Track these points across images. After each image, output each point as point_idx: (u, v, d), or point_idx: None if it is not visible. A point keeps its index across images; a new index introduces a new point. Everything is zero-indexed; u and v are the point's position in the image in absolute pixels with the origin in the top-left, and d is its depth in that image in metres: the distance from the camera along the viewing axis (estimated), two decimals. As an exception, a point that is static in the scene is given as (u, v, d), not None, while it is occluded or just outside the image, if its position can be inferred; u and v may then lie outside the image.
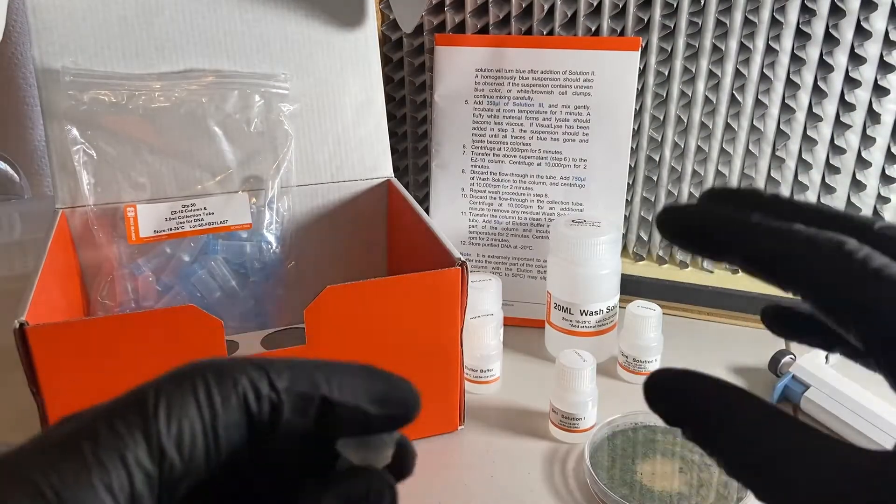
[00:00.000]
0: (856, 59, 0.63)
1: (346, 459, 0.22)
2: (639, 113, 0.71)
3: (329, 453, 0.22)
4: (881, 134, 0.65)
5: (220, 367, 0.19)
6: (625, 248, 0.77)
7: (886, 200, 0.67)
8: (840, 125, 0.66)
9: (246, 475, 0.21)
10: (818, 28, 0.63)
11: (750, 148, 0.70)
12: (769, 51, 0.65)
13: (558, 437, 0.57)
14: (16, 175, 0.77)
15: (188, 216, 0.60)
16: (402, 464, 0.23)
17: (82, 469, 0.16)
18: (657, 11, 0.66)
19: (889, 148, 0.66)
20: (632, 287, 0.72)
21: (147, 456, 0.17)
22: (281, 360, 0.19)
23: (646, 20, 0.67)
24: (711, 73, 0.68)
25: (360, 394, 0.20)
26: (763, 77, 0.66)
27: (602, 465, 0.53)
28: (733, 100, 0.68)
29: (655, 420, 0.57)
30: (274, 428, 0.19)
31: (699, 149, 0.71)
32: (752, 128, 0.69)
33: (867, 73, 0.64)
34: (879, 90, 0.64)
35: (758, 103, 0.68)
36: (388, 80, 0.77)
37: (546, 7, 0.68)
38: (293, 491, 0.21)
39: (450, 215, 0.72)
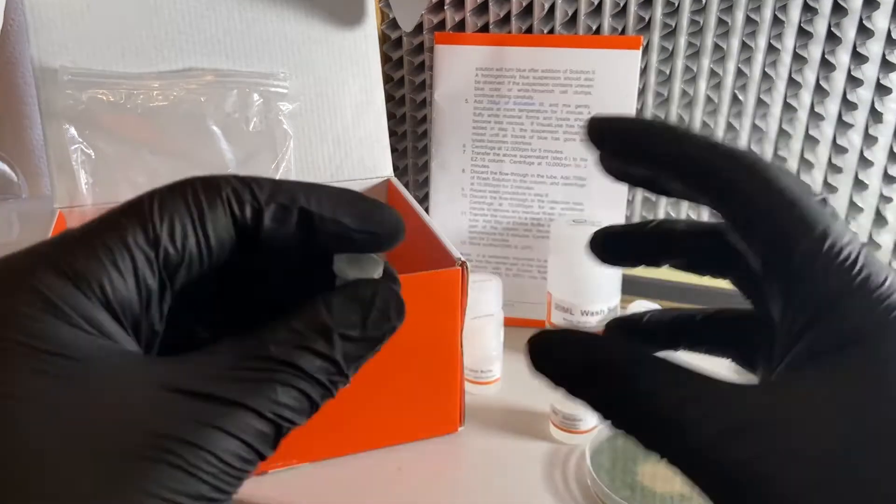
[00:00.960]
0: (858, 57, 0.63)
1: (343, 277, 0.23)
2: (640, 112, 0.70)
3: (328, 280, 0.23)
4: (883, 133, 0.65)
5: (207, 179, 0.21)
6: (626, 247, 0.76)
7: (889, 200, 0.67)
8: (842, 124, 0.66)
9: (244, 293, 0.23)
10: (820, 26, 0.63)
11: (752, 147, 0.69)
12: (771, 49, 0.65)
13: (559, 438, 0.57)
14: (14, 175, 0.76)
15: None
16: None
17: (90, 250, 0.19)
18: (658, 10, 0.66)
19: (892, 147, 0.66)
20: (633, 287, 0.72)
21: (145, 241, 0.20)
22: (266, 178, 0.21)
23: (647, 19, 0.67)
24: (713, 72, 0.67)
25: (339, 210, 0.22)
26: (765, 76, 0.66)
27: (603, 467, 0.53)
28: (735, 99, 0.68)
29: None
30: (258, 234, 0.21)
31: (700, 148, 0.71)
32: (754, 127, 0.68)
33: (869, 71, 0.63)
34: (882, 89, 0.63)
35: (759, 102, 0.67)
36: (387, 78, 0.76)
37: (547, 6, 0.68)
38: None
39: (450, 215, 0.72)
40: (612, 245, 0.27)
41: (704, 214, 0.73)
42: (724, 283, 0.29)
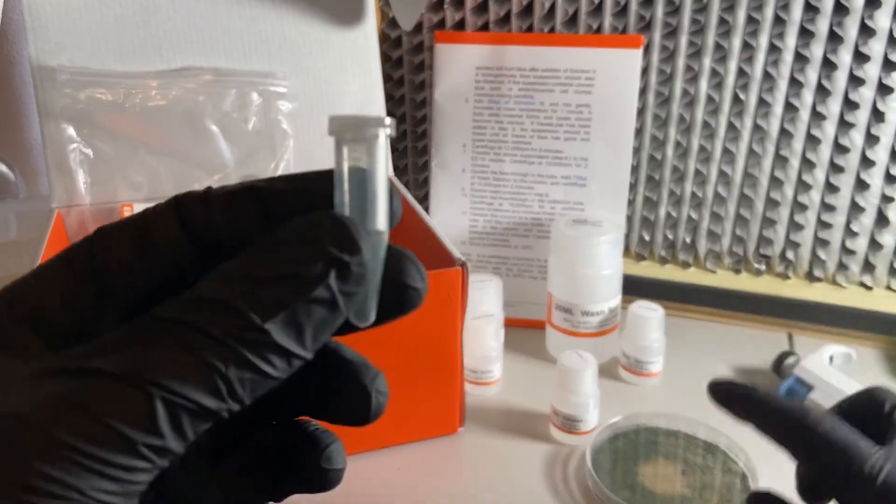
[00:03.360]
0: (860, 57, 0.63)
1: (341, 138, 0.18)
2: (641, 111, 0.70)
3: None
4: (885, 133, 0.65)
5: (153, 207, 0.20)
6: (627, 247, 0.76)
7: (890, 199, 0.67)
8: (844, 124, 0.66)
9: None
10: (822, 26, 0.63)
11: (753, 147, 0.69)
12: (772, 49, 0.65)
13: (559, 438, 0.56)
14: (11, 174, 0.76)
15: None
16: None
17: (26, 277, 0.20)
18: (659, 9, 0.66)
19: (893, 146, 0.65)
20: (634, 287, 0.72)
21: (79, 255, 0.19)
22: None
23: (648, 18, 0.66)
24: (714, 72, 0.67)
25: (287, 179, 0.20)
26: (766, 75, 0.66)
27: (604, 468, 0.52)
28: (736, 98, 0.67)
29: (657, 422, 0.56)
30: (212, 226, 0.19)
31: (702, 148, 0.70)
32: (756, 126, 0.68)
33: (871, 71, 0.63)
34: (884, 89, 0.63)
35: (761, 102, 0.67)
36: (387, 78, 0.76)
37: (547, 5, 0.68)
38: None
39: (450, 215, 0.72)
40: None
41: (705, 218, 0.72)
42: (726, 284, 0.30)
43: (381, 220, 0.18)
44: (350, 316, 0.18)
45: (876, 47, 0.62)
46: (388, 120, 0.18)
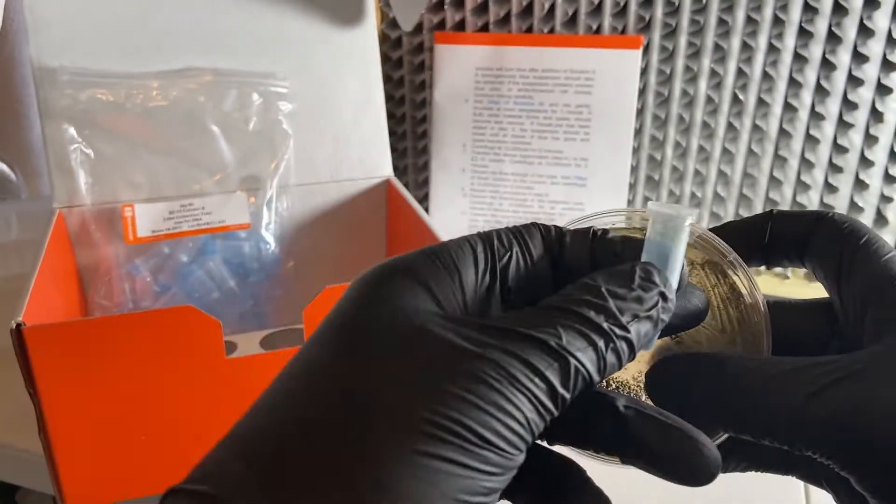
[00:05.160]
0: (859, 57, 0.63)
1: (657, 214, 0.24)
2: (640, 112, 0.70)
3: None
4: (884, 133, 0.65)
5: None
6: (626, 247, 0.76)
7: (889, 200, 0.67)
8: (843, 124, 0.66)
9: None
10: (821, 26, 0.63)
11: (752, 147, 0.69)
12: (771, 49, 0.65)
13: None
14: (12, 174, 0.76)
15: (186, 216, 0.60)
16: None
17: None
18: (659, 10, 0.66)
19: (892, 147, 0.66)
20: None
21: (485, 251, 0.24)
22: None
23: (647, 18, 0.67)
24: (713, 72, 0.67)
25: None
26: (765, 76, 0.66)
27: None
28: (735, 98, 0.68)
29: None
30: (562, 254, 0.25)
31: (701, 148, 0.70)
32: (755, 127, 0.68)
33: (870, 71, 0.63)
34: (882, 89, 0.63)
35: (760, 102, 0.67)
36: (387, 78, 0.76)
37: (547, 5, 0.68)
38: None
39: (450, 215, 0.72)
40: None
41: (705, 218, 0.73)
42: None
43: (675, 281, 0.24)
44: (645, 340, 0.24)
45: (875, 48, 0.62)
46: (694, 213, 0.24)
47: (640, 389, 0.28)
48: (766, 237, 0.28)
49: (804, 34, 0.64)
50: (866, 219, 0.68)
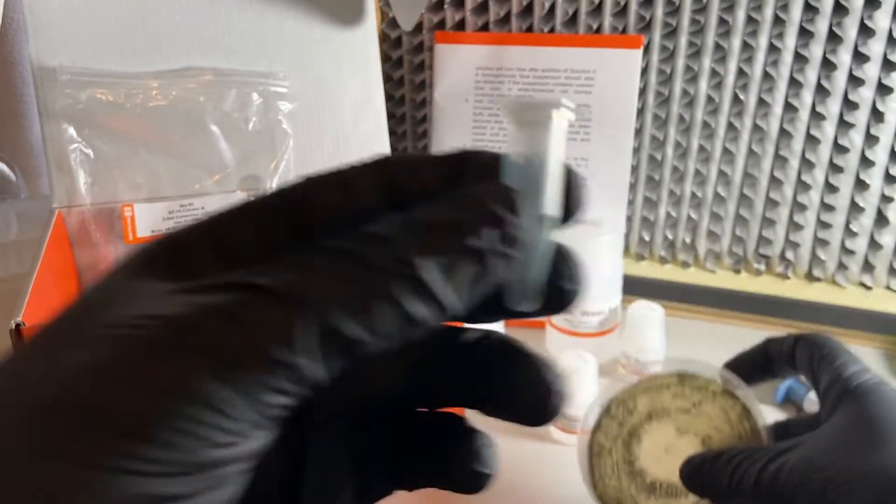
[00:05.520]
0: (859, 57, 0.63)
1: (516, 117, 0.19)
2: (640, 111, 0.70)
3: None
4: (885, 133, 0.65)
5: None
6: (627, 247, 0.76)
7: (890, 200, 0.67)
8: (843, 124, 0.66)
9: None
10: (821, 26, 0.63)
11: (753, 147, 0.69)
12: (772, 49, 0.65)
13: (560, 439, 0.56)
14: (12, 174, 0.76)
15: (186, 216, 0.60)
16: None
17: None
18: (659, 9, 0.66)
19: (893, 147, 0.65)
20: (634, 287, 0.72)
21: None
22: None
23: (648, 18, 0.66)
24: (714, 72, 0.67)
25: None
26: (766, 75, 0.66)
27: (605, 469, 0.52)
28: (736, 98, 0.68)
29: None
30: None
31: (701, 148, 0.70)
32: (755, 127, 0.68)
33: (871, 71, 0.63)
34: (883, 89, 0.63)
35: (760, 102, 0.67)
36: (387, 78, 0.76)
37: (547, 5, 0.68)
38: None
39: (450, 215, 0.72)
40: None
41: (705, 218, 0.72)
42: (726, 284, 0.30)
43: (550, 205, 0.18)
44: (511, 294, 0.18)
45: (875, 47, 0.62)
46: (567, 102, 0.18)
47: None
48: (766, 360, 0.46)
49: (805, 34, 0.64)
50: (867, 218, 0.68)
